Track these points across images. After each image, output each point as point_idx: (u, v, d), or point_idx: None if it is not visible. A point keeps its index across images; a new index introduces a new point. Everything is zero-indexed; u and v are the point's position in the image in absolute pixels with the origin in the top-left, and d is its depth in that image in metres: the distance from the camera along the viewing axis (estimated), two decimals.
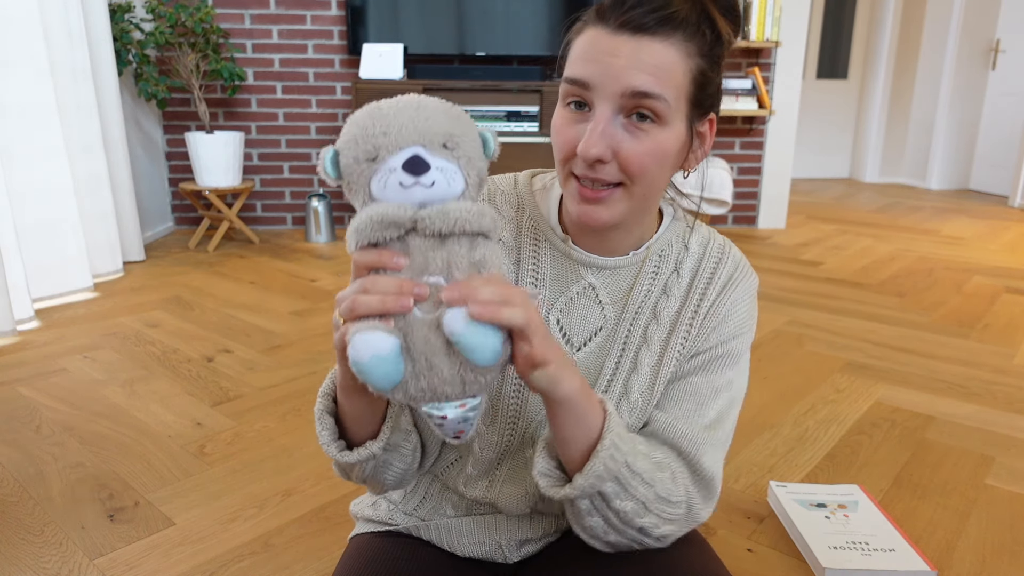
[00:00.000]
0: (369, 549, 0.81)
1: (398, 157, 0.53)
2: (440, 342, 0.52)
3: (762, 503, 1.44)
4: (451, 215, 0.54)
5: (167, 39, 3.33)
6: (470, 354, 0.51)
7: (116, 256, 3.08)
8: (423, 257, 0.54)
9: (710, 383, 0.75)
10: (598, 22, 0.66)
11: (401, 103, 0.56)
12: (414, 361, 0.52)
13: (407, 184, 0.53)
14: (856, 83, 6.73)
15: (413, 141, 0.54)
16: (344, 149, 0.56)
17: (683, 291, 0.77)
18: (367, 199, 0.55)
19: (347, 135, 0.56)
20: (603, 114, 0.65)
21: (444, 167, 0.54)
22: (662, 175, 0.69)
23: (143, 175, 3.69)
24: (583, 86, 0.66)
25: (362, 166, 0.54)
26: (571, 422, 0.62)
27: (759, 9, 3.81)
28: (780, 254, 3.69)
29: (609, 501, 0.65)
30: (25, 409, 1.81)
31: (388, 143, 0.54)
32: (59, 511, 1.38)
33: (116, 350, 2.22)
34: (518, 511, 0.80)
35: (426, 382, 0.52)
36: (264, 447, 1.64)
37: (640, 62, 0.63)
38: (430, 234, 0.54)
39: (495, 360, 0.52)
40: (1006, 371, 2.17)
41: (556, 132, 0.69)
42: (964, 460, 1.63)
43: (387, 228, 0.53)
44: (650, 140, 0.65)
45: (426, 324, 0.52)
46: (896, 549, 1.25)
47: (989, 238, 4.16)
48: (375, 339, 0.50)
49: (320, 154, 0.57)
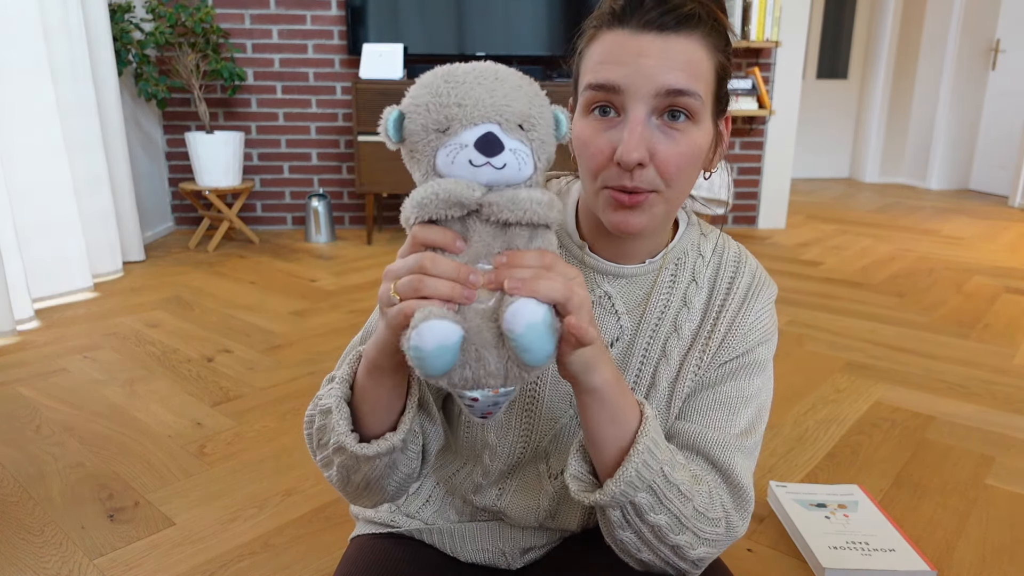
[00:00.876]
0: (370, 550, 0.80)
1: (471, 133, 0.51)
2: (491, 334, 0.50)
3: (762, 503, 1.44)
4: (521, 205, 0.51)
5: (167, 39, 3.33)
6: (523, 353, 0.49)
7: (116, 256, 3.08)
8: (482, 243, 0.52)
9: (740, 391, 0.73)
10: (616, 25, 0.63)
11: (479, 71, 0.53)
12: (464, 351, 0.50)
13: (477, 163, 0.51)
14: (856, 83, 6.73)
15: (489, 118, 0.51)
16: (412, 114, 0.52)
17: (703, 303, 0.75)
18: (431, 171, 0.53)
19: (417, 99, 0.53)
20: (638, 116, 0.62)
21: (517, 149, 0.52)
22: (693, 177, 0.67)
23: (143, 175, 3.69)
24: (612, 90, 0.63)
25: (431, 136, 0.52)
26: (605, 419, 0.60)
27: (759, 9, 3.81)
28: (780, 254, 3.69)
29: (643, 514, 0.62)
30: (25, 409, 1.81)
31: (463, 116, 0.51)
32: (59, 511, 1.38)
33: (116, 350, 2.22)
34: (526, 523, 0.79)
35: (471, 372, 0.50)
36: (264, 447, 1.64)
37: (670, 60, 0.61)
38: (494, 221, 0.52)
39: (546, 362, 0.51)
40: (1006, 371, 2.17)
41: (584, 144, 0.65)
42: (964, 460, 1.63)
43: (451, 207, 0.51)
44: (686, 140, 0.63)
45: (480, 314, 0.50)
46: (896, 549, 1.25)
47: (989, 238, 4.16)
48: (443, 328, 0.48)
49: (384, 115, 0.53)
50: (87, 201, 2.93)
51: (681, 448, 0.71)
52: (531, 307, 0.49)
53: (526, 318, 0.48)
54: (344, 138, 3.98)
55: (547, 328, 0.49)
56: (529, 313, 0.49)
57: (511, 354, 0.50)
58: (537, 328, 0.49)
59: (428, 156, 0.52)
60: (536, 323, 0.49)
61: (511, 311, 0.49)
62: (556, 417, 0.75)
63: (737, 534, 0.70)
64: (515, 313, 0.49)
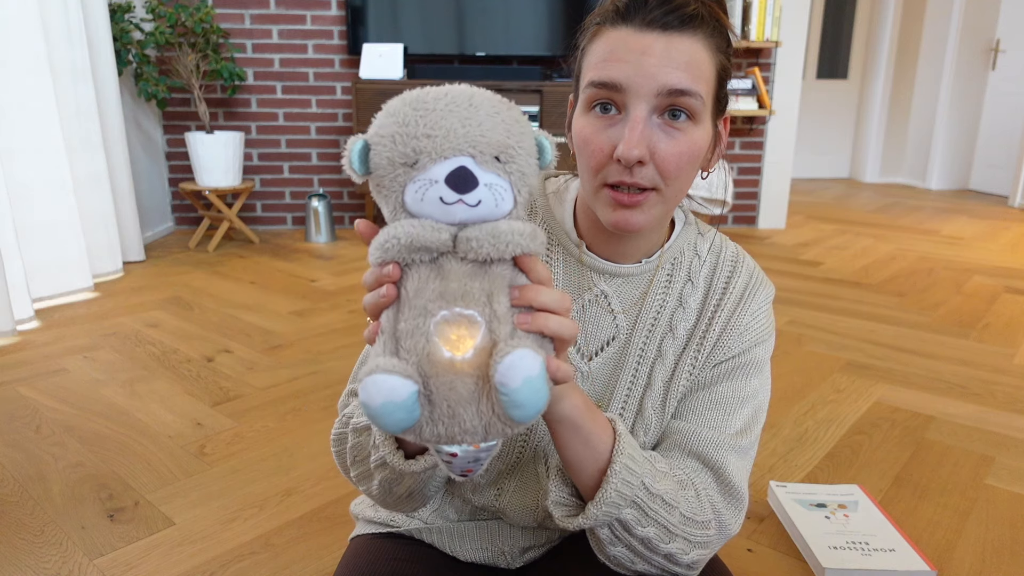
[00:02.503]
0: (370, 550, 0.80)
1: (442, 167, 0.46)
2: (468, 390, 0.46)
3: (762, 503, 1.43)
4: (502, 239, 0.47)
5: (167, 39, 3.33)
6: (513, 409, 0.45)
7: (116, 256, 3.08)
8: (460, 284, 0.47)
9: (736, 392, 0.73)
10: (619, 23, 0.63)
11: (451, 98, 0.48)
12: (433, 406, 0.46)
13: (449, 200, 0.47)
14: (856, 83, 6.73)
15: (461, 150, 0.47)
16: (377, 146, 0.48)
17: (699, 303, 0.76)
18: (399, 209, 0.48)
19: (383, 129, 0.48)
20: (640, 114, 0.62)
21: (493, 183, 0.47)
22: (692, 176, 0.67)
23: (143, 175, 3.69)
24: (614, 88, 0.63)
25: (398, 170, 0.47)
26: (578, 443, 0.60)
27: (759, 9, 3.81)
28: (780, 254, 3.69)
29: (630, 529, 0.62)
30: (25, 409, 1.81)
31: (432, 148, 0.46)
32: (59, 511, 1.38)
33: (116, 350, 2.22)
34: (524, 523, 0.79)
35: (444, 428, 0.46)
36: (264, 447, 1.64)
37: (673, 60, 0.61)
38: (472, 259, 0.48)
39: (535, 418, 0.47)
40: (1006, 371, 2.17)
41: (585, 141, 0.65)
42: (964, 460, 1.63)
43: (415, 252, 0.47)
44: (686, 139, 0.64)
45: (453, 368, 0.46)
46: (896, 549, 1.25)
47: (989, 238, 4.16)
48: (390, 384, 0.44)
49: (347, 144, 0.49)
50: (87, 201, 2.93)
51: (674, 448, 0.71)
52: (529, 359, 0.45)
53: (523, 371, 0.44)
54: (344, 138, 3.98)
55: (544, 382, 0.46)
56: (527, 367, 0.44)
57: (496, 408, 0.46)
58: (534, 383, 0.45)
59: (396, 192, 0.48)
60: (533, 377, 0.45)
61: (506, 364, 0.44)
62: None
63: (730, 532, 0.70)
64: (511, 366, 0.44)
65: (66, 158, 2.75)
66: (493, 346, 0.46)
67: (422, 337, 0.46)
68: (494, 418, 0.46)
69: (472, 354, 0.46)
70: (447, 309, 0.47)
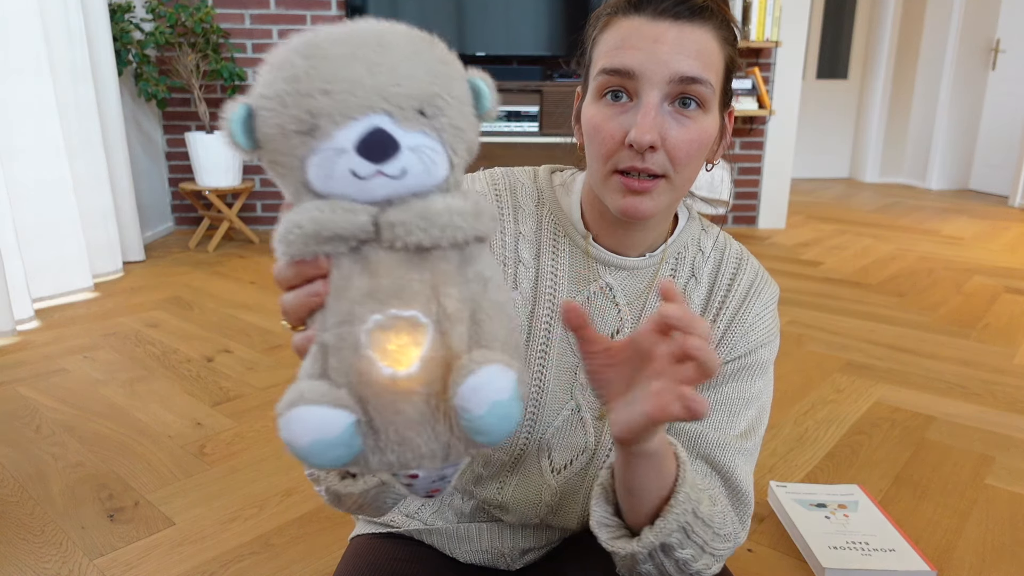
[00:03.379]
0: (370, 551, 0.80)
1: (350, 132, 0.36)
2: (418, 411, 0.37)
3: (762, 503, 1.44)
4: (437, 220, 0.38)
5: (167, 39, 3.33)
6: (477, 435, 0.37)
7: (116, 256, 3.07)
8: (393, 279, 0.38)
9: (740, 393, 0.73)
10: (631, 12, 0.64)
11: (353, 38, 0.38)
12: (377, 434, 0.38)
13: (364, 174, 0.37)
14: (856, 83, 6.73)
15: (373, 107, 0.36)
16: (263, 110, 0.38)
17: (703, 299, 0.76)
18: (303, 190, 0.38)
19: (269, 88, 0.38)
20: (652, 100, 0.63)
21: (420, 146, 0.38)
22: (699, 165, 0.68)
23: (143, 175, 3.69)
24: (627, 75, 0.63)
25: (292, 140, 0.37)
26: (651, 473, 0.58)
27: (759, 9, 3.81)
28: (780, 254, 3.69)
29: (671, 551, 0.61)
30: (25, 409, 1.81)
31: (333, 108, 0.36)
32: (59, 511, 1.38)
33: (116, 350, 2.22)
34: (526, 520, 0.78)
35: (395, 456, 0.38)
36: (264, 447, 1.64)
37: (685, 48, 0.62)
38: (402, 247, 0.38)
39: (505, 439, 0.40)
40: (1006, 371, 2.17)
41: (596, 128, 0.66)
42: (964, 460, 1.63)
43: (325, 243, 0.38)
44: (695, 127, 0.64)
45: (395, 387, 0.37)
46: (896, 549, 1.25)
47: (989, 238, 4.16)
48: (317, 417, 0.35)
49: (224, 113, 0.39)
50: (87, 201, 2.93)
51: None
52: (498, 380, 0.36)
53: (490, 395, 0.36)
54: None
55: (516, 404, 0.37)
56: (495, 389, 0.36)
57: (457, 430, 0.38)
58: (503, 408, 0.36)
59: (295, 169, 0.38)
60: (503, 401, 0.36)
61: (469, 386, 0.36)
62: (559, 408, 0.75)
63: (739, 542, 0.69)
64: (475, 389, 0.36)
65: (66, 158, 2.75)
66: (447, 354, 0.38)
67: (351, 351, 0.37)
68: (454, 439, 0.38)
69: (418, 367, 0.37)
70: (380, 312, 0.37)
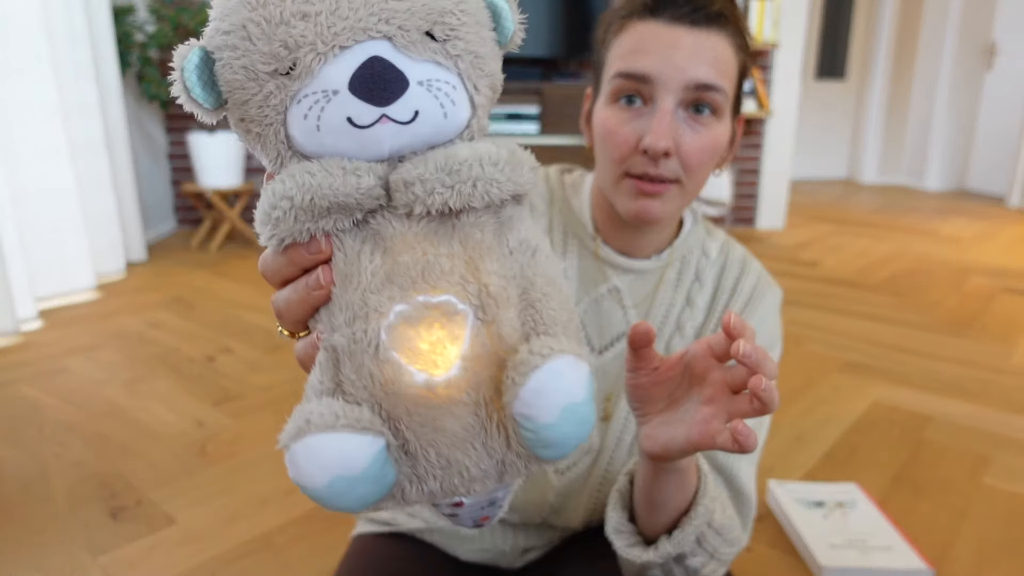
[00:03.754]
0: (371, 549, 0.81)
1: (340, 65, 0.28)
2: (463, 425, 0.30)
3: (760, 502, 1.44)
4: (466, 173, 0.29)
5: (169, 41, 3.34)
6: (546, 449, 0.30)
7: (119, 256, 3.08)
8: (414, 257, 0.30)
9: None
10: (647, 16, 0.64)
11: None
12: (414, 458, 0.31)
13: (364, 121, 0.29)
14: (854, 84, 6.74)
15: (368, 29, 0.28)
16: (223, 50, 0.30)
17: (706, 302, 0.76)
18: (285, 152, 0.31)
19: (226, 21, 0.30)
20: (667, 106, 0.63)
21: (432, 79, 0.30)
22: (709, 171, 0.69)
23: (146, 176, 3.70)
24: (642, 80, 0.63)
25: (265, 85, 0.29)
26: (674, 486, 0.58)
27: (758, 10, 3.82)
28: (779, 254, 3.70)
29: (683, 559, 0.61)
30: (28, 409, 1.82)
31: (316, 36, 0.28)
32: (62, 510, 1.39)
33: (118, 350, 2.23)
34: (528, 520, 0.79)
35: (439, 484, 0.31)
36: (265, 446, 1.65)
37: (701, 54, 0.63)
38: (422, 212, 0.30)
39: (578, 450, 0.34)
40: (1003, 371, 2.18)
41: (610, 132, 0.66)
42: (962, 459, 1.64)
43: (323, 216, 0.30)
44: (709, 133, 0.65)
45: (432, 397, 0.30)
46: (894, 547, 1.26)
47: (986, 238, 4.17)
48: (335, 449, 0.28)
49: (174, 61, 0.30)
50: (90, 201, 2.94)
51: None
52: (570, 377, 0.29)
53: (561, 397, 0.28)
54: None
55: (591, 405, 0.30)
56: (567, 389, 0.29)
57: (515, 443, 0.31)
58: (578, 411, 0.29)
59: (272, 125, 0.30)
60: (577, 403, 0.29)
61: (533, 388, 0.28)
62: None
63: (742, 546, 0.70)
64: (541, 390, 0.28)
65: (69, 159, 2.76)
66: (496, 348, 0.30)
67: (370, 354, 0.30)
68: (511, 455, 0.31)
69: (460, 369, 0.30)
70: (403, 301, 0.30)
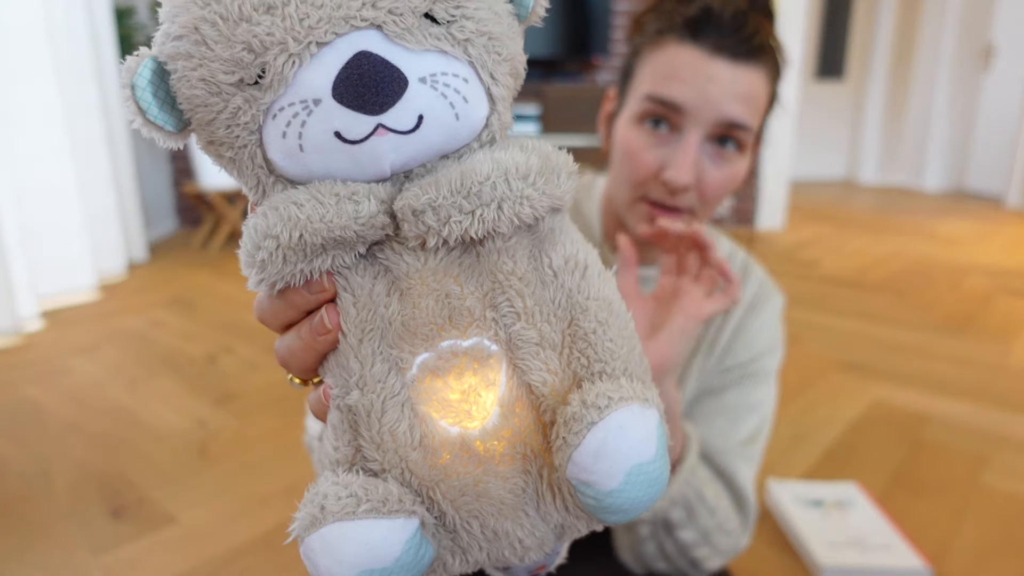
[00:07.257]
0: None
1: (320, 67, 0.24)
2: (510, 489, 0.26)
3: (760, 501, 1.45)
4: (488, 193, 0.25)
5: None
6: (611, 515, 0.25)
7: (120, 256, 3.09)
8: (434, 296, 0.26)
9: (743, 400, 0.73)
10: (687, 40, 0.62)
11: None
12: (455, 533, 0.27)
13: (355, 135, 0.24)
14: (853, 84, 6.74)
15: (351, 18, 0.24)
16: (176, 60, 0.25)
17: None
18: (265, 177, 0.26)
19: (176, 24, 0.25)
20: (694, 140, 0.62)
21: (437, 72, 0.25)
22: (724, 200, 0.69)
23: (147, 176, 3.70)
24: (673, 108, 0.62)
25: (232, 101, 0.25)
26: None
27: None
28: (778, 254, 3.70)
29: (673, 530, 0.62)
30: (29, 408, 1.82)
31: (287, 32, 0.24)
32: (63, 509, 1.39)
33: (120, 349, 2.23)
34: None
35: (485, 554, 0.28)
36: (266, 445, 1.65)
37: (736, 92, 0.61)
38: (438, 243, 0.26)
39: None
40: (1002, 370, 2.19)
41: (632, 154, 0.65)
42: (960, 458, 1.65)
43: (321, 256, 0.26)
44: (730, 168, 0.65)
45: (472, 459, 0.25)
46: (892, 546, 1.27)
47: (985, 238, 4.18)
48: (362, 539, 0.25)
49: (123, 75, 0.26)
50: (91, 201, 2.94)
51: None
52: (636, 431, 0.24)
53: (625, 459, 0.24)
54: None
55: (663, 462, 0.25)
56: (633, 447, 0.24)
57: (572, 506, 0.26)
58: (648, 472, 0.24)
59: (247, 147, 0.26)
60: (646, 463, 0.24)
61: (589, 449, 0.23)
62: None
63: (741, 545, 0.70)
64: (600, 452, 0.23)
65: (71, 159, 2.77)
66: (539, 387, 0.25)
67: (392, 413, 0.26)
68: (569, 517, 0.27)
69: (498, 416, 0.25)
70: (428, 350, 0.26)
